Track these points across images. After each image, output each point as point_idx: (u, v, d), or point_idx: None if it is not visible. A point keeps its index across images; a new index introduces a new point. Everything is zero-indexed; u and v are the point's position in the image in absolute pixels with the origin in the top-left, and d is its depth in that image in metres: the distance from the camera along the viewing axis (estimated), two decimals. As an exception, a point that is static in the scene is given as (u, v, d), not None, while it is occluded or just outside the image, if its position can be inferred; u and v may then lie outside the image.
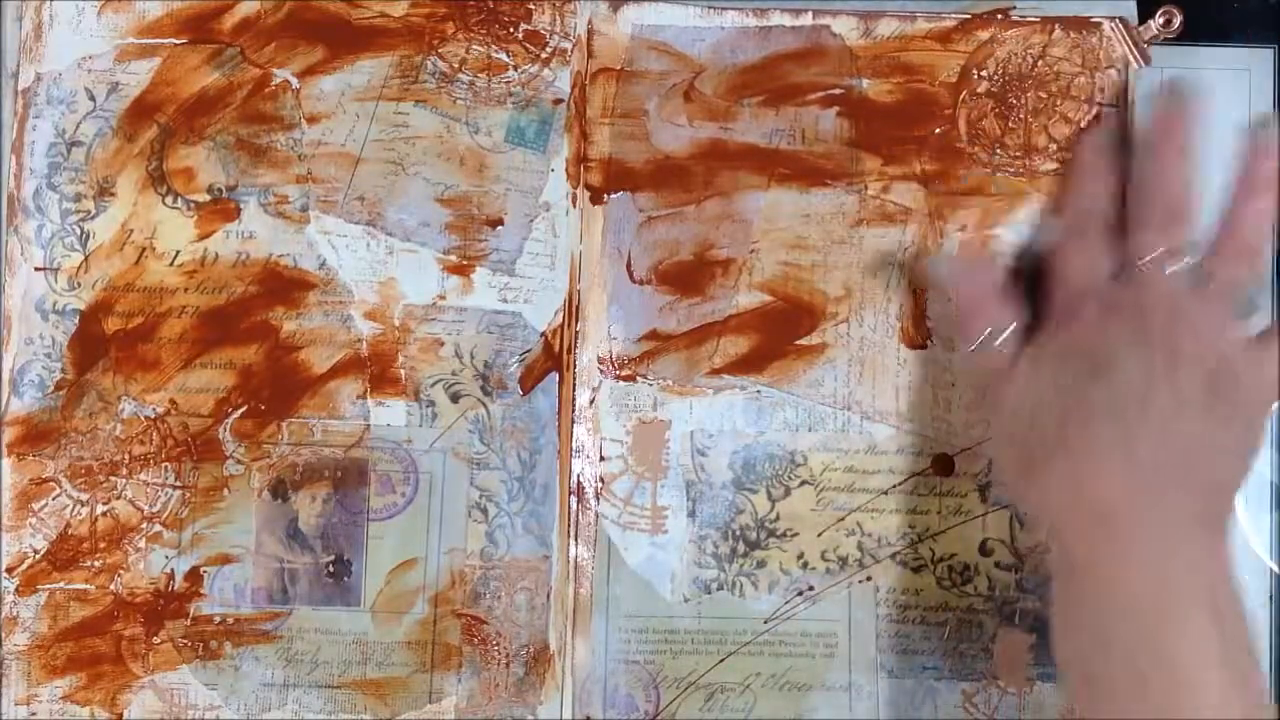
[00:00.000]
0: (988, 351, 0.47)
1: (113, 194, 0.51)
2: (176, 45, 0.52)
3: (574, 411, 0.51)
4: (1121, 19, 0.51)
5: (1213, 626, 0.41)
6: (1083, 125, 0.51)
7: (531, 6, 0.52)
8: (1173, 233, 0.46)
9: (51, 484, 0.51)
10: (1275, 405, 0.45)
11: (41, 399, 0.51)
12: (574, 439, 0.51)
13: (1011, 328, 0.47)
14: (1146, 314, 0.44)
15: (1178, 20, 0.51)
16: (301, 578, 0.51)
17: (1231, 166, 0.47)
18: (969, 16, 0.52)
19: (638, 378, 0.51)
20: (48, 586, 0.50)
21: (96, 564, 0.50)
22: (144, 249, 0.51)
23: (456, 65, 0.52)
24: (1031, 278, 0.49)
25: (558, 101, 0.52)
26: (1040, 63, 0.52)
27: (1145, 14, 0.52)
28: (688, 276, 0.52)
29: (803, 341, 0.51)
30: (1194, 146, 0.47)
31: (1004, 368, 0.46)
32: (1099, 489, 0.42)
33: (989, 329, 0.47)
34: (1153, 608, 0.41)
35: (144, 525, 0.51)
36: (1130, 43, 0.51)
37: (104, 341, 0.51)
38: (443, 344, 0.51)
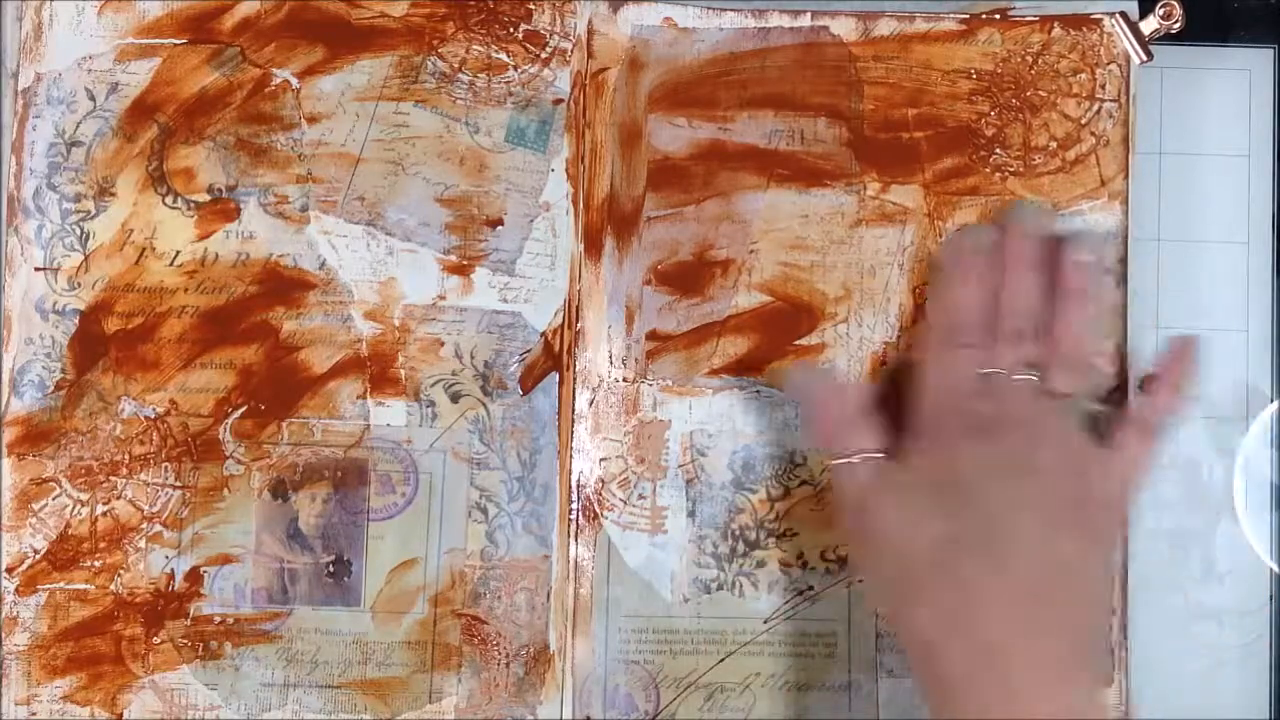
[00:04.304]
0: (855, 474, 0.46)
1: (113, 194, 0.51)
2: (176, 45, 0.52)
3: (574, 411, 0.51)
4: (1122, 13, 0.51)
5: None
6: (1079, 121, 0.51)
7: (531, 6, 0.52)
8: (1023, 348, 0.47)
9: (51, 484, 0.51)
10: (1128, 513, 0.48)
11: (41, 399, 0.51)
12: (574, 439, 0.51)
13: (876, 448, 0.47)
14: (1006, 435, 0.45)
15: (1178, 12, 0.51)
16: (301, 578, 0.51)
17: (1063, 269, 0.48)
18: (968, 16, 0.52)
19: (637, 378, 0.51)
20: (48, 586, 0.50)
21: (96, 564, 0.50)
22: (144, 249, 0.51)
23: (456, 65, 0.52)
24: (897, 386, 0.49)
25: (558, 101, 0.52)
26: (1040, 61, 0.52)
27: (1144, 12, 0.52)
28: (687, 276, 0.52)
29: (802, 342, 0.51)
30: (1042, 262, 0.48)
31: (870, 493, 0.46)
32: (977, 621, 0.42)
33: (853, 450, 0.47)
34: None
35: (144, 525, 0.51)
36: (1132, 37, 0.51)
37: (104, 341, 0.51)
38: (443, 344, 0.51)
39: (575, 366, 0.51)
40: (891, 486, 0.46)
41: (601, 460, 0.51)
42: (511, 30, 0.52)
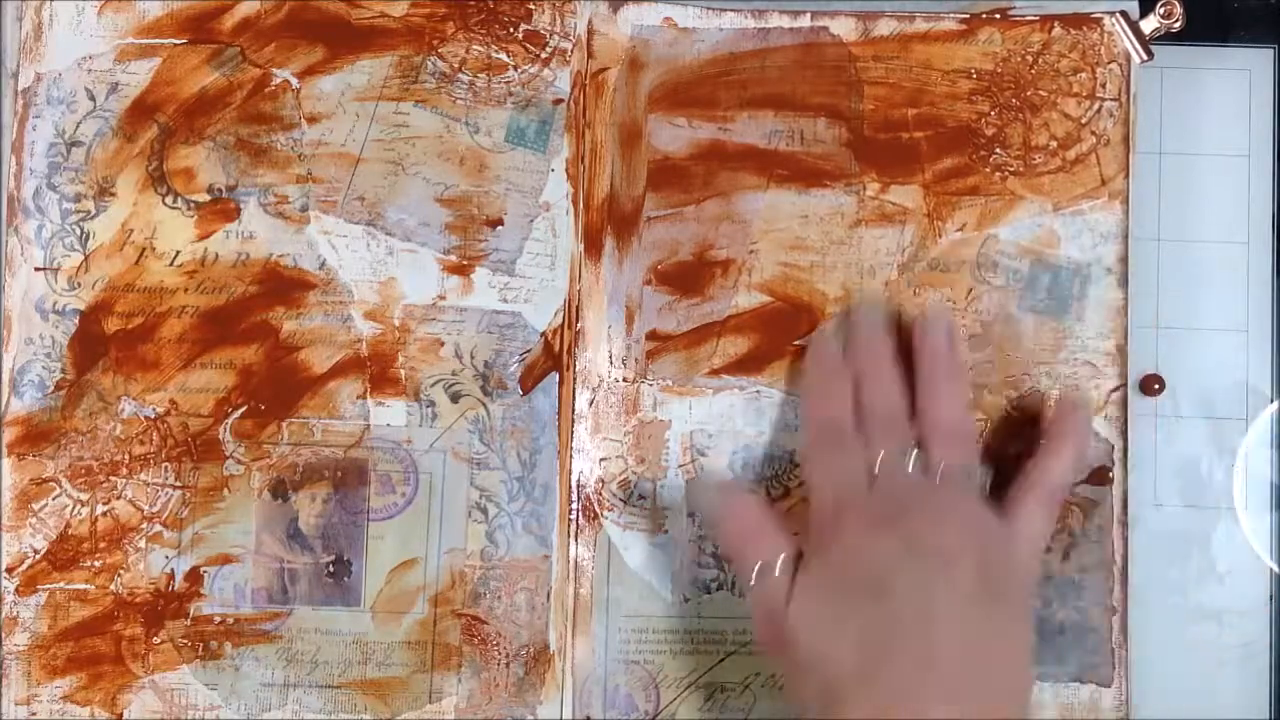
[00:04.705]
0: (765, 586, 0.46)
1: (113, 194, 0.51)
2: (176, 45, 0.52)
3: (574, 411, 0.51)
4: (1122, 12, 0.51)
5: None
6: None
7: (531, 6, 0.52)
8: (900, 433, 0.47)
9: (51, 484, 0.51)
10: (1035, 581, 0.47)
11: (41, 399, 0.51)
12: (574, 439, 0.51)
13: (783, 557, 0.46)
14: (907, 521, 0.44)
15: (1178, 12, 0.51)
16: (301, 578, 0.51)
17: (923, 353, 0.49)
18: (968, 16, 0.52)
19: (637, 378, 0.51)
20: (48, 586, 0.50)
21: (96, 564, 0.50)
22: (144, 249, 0.51)
23: (456, 65, 0.52)
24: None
25: (558, 101, 0.52)
26: (1040, 60, 0.52)
27: (1145, 12, 0.52)
28: (687, 276, 0.52)
29: (802, 342, 0.51)
30: (893, 357, 0.48)
31: (782, 602, 0.45)
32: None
33: (760, 563, 0.46)
34: None
35: (144, 525, 0.51)
36: (1132, 37, 0.51)
37: (104, 341, 0.51)
38: (443, 344, 0.51)
39: (575, 366, 0.51)
40: (802, 592, 0.45)
41: (601, 460, 0.51)
42: (511, 30, 0.52)
